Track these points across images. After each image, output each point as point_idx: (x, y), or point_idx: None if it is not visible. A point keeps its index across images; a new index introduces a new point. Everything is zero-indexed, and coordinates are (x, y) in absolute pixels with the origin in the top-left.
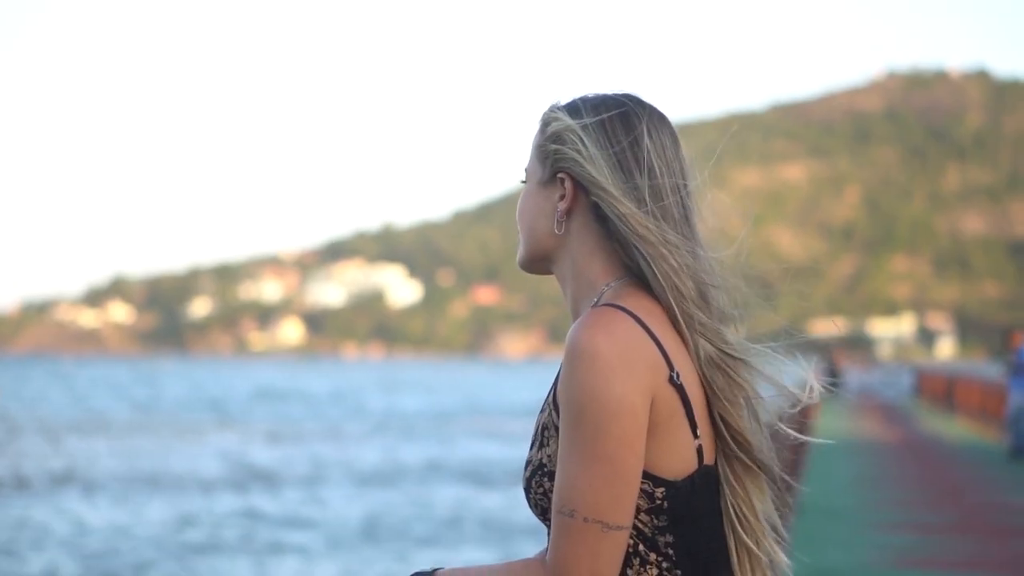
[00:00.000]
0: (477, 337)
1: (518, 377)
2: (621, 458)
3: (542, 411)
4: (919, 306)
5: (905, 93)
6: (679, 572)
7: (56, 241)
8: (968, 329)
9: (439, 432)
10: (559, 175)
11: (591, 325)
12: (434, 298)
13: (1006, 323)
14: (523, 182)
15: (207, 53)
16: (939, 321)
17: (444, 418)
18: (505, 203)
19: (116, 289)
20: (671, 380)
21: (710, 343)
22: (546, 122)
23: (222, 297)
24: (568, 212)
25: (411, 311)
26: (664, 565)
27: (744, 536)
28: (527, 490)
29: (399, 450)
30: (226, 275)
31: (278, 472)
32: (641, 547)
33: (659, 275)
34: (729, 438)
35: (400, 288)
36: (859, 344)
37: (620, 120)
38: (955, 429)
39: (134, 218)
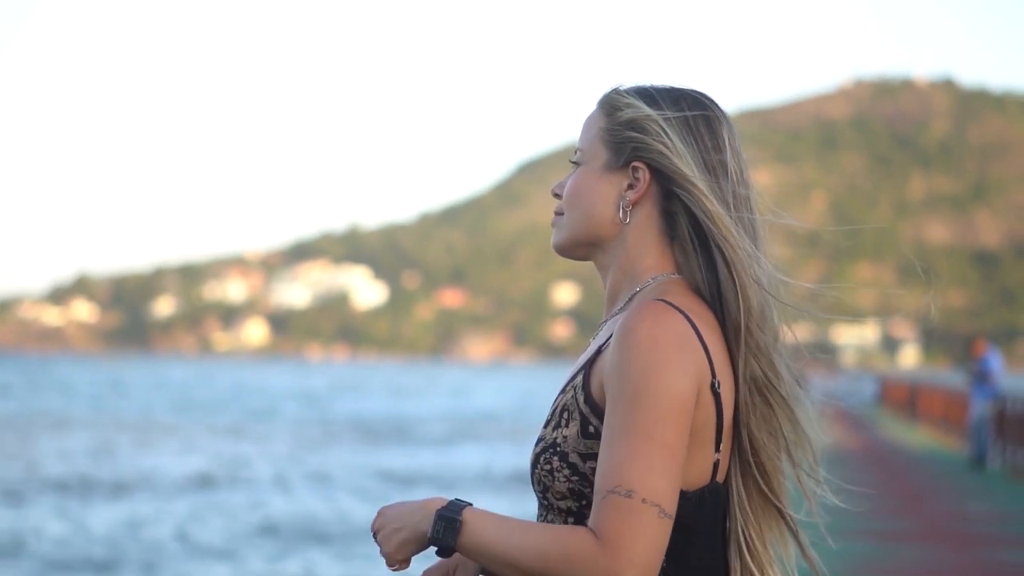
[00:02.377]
0: (442, 339)
1: (488, 380)
2: (679, 448)
3: (564, 392)
4: (883, 314)
5: (872, 101)
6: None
7: (20, 238)
8: (932, 337)
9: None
10: (634, 164)
11: (649, 316)
12: (399, 300)
13: (969, 332)
14: (574, 162)
15: (174, 55)
16: (903, 329)
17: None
18: (471, 206)
19: (80, 287)
20: (712, 388)
21: (761, 368)
22: (615, 106)
23: (186, 297)
24: (634, 203)
25: (376, 313)
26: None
27: (751, 563)
28: (533, 465)
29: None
30: (191, 275)
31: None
32: None
33: (735, 281)
34: (752, 464)
35: (365, 289)
36: (823, 351)
37: (703, 120)
38: (917, 437)
39: (99, 216)
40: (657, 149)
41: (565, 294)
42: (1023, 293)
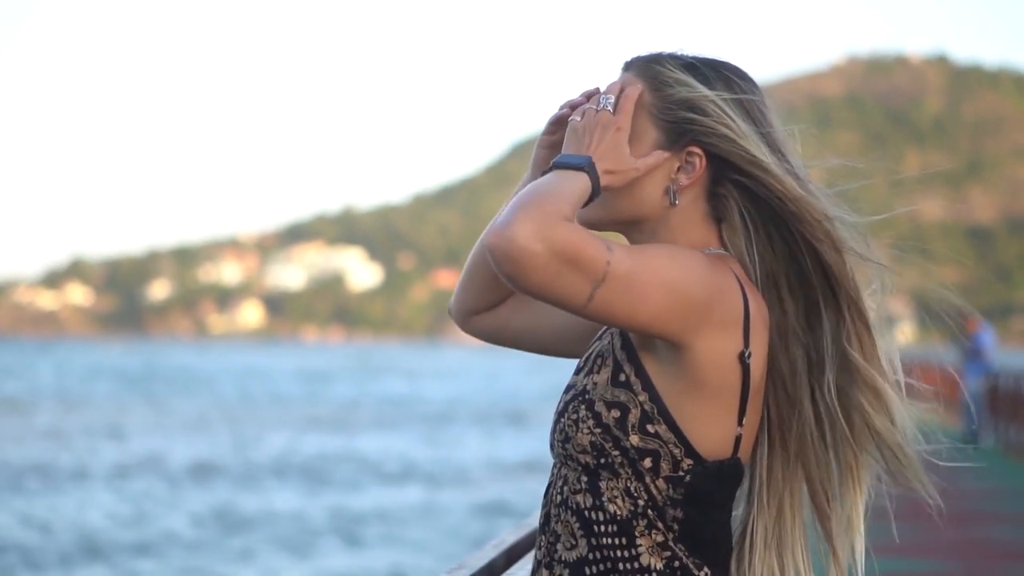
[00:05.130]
0: (437, 321)
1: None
2: (673, 285)
3: (600, 339)
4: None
5: (865, 78)
6: (681, 546)
7: (14, 222)
8: (927, 314)
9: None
10: (691, 148)
11: (708, 255)
12: (394, 281)
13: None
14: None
15: (168, 38)
16: (898, 306)
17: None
18: (465, 187)
19: (75, 271)
20: (741, 357)
21: (851, 356)
22: (663, 81)
23: (181, 280)
24: (685, 187)
25: (371, 294)
26: (668, 536)
27: (772, 555)
28: (560, 414)
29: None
30: (185, 257)
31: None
32: (650, 512)
33: (826, 258)
34: (798, 461)
35: (360, 271)
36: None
37: (754, 98)
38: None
39: (93, 199)
40: (721, 133)
41: None
42: (1017, 269)
